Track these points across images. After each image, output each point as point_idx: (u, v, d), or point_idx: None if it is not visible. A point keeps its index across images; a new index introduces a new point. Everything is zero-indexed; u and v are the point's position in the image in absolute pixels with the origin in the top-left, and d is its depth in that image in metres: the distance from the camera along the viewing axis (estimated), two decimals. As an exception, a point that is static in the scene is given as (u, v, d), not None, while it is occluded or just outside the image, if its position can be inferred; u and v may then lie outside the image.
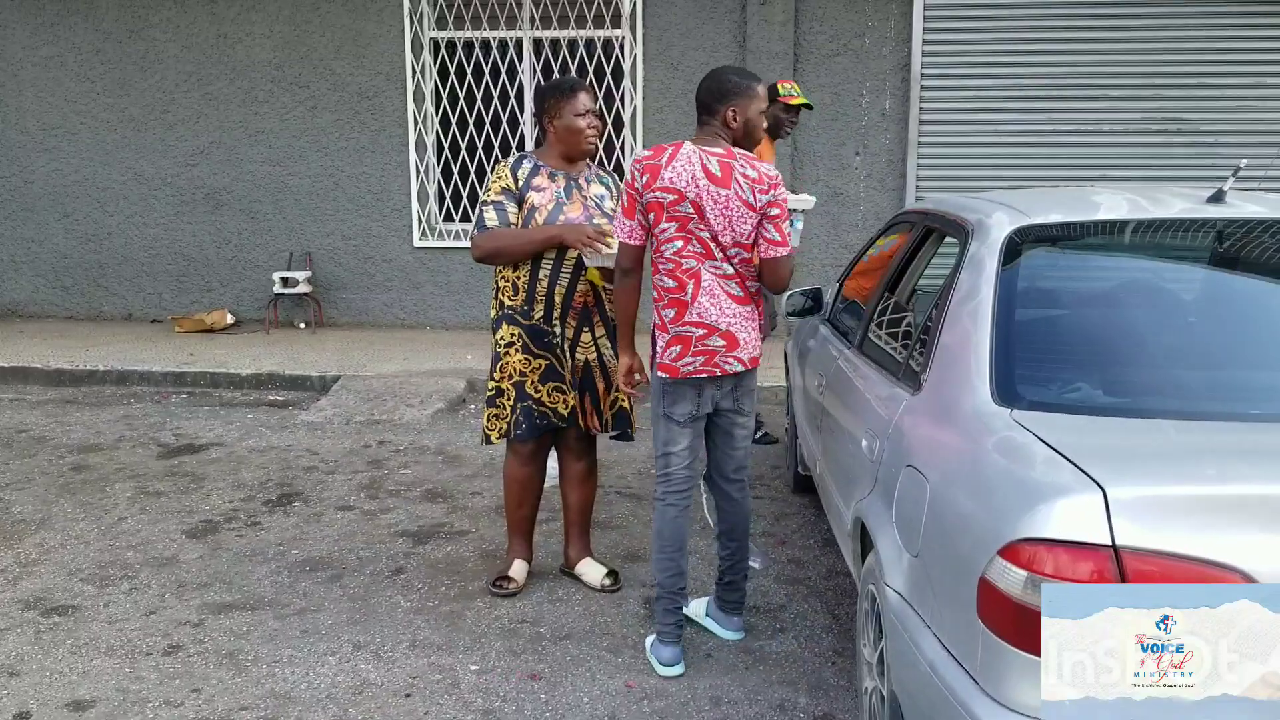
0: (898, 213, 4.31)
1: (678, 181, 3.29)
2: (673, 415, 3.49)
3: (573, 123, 3.90)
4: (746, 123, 3.38)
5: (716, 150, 3.33)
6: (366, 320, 9.60)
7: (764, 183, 3.30)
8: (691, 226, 3.32)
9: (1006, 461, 2.23)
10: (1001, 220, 2.90)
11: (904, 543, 2.55)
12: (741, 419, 3.56)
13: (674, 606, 3.54)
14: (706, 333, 3.37)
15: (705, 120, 3.41)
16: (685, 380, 3.43)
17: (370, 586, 4.19)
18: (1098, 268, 2.95)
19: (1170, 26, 8.28)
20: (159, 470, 5.69)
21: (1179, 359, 2.61)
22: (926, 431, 2.65)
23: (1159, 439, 2.22)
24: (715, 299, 3.36)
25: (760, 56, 8.56)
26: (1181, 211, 2.95)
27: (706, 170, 3.28)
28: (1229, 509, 1.94)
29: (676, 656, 3.52)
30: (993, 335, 2.57)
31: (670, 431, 3.53)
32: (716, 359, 3.40)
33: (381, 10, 9.09)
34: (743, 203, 3.28)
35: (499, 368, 4.02)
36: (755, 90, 3.40)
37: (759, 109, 3.41)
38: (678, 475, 3.54)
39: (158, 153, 9.57)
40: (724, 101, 3.36)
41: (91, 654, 3.63)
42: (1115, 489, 1.94)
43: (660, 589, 3.56)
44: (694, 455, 3.56)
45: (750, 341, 3.42)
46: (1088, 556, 1.93)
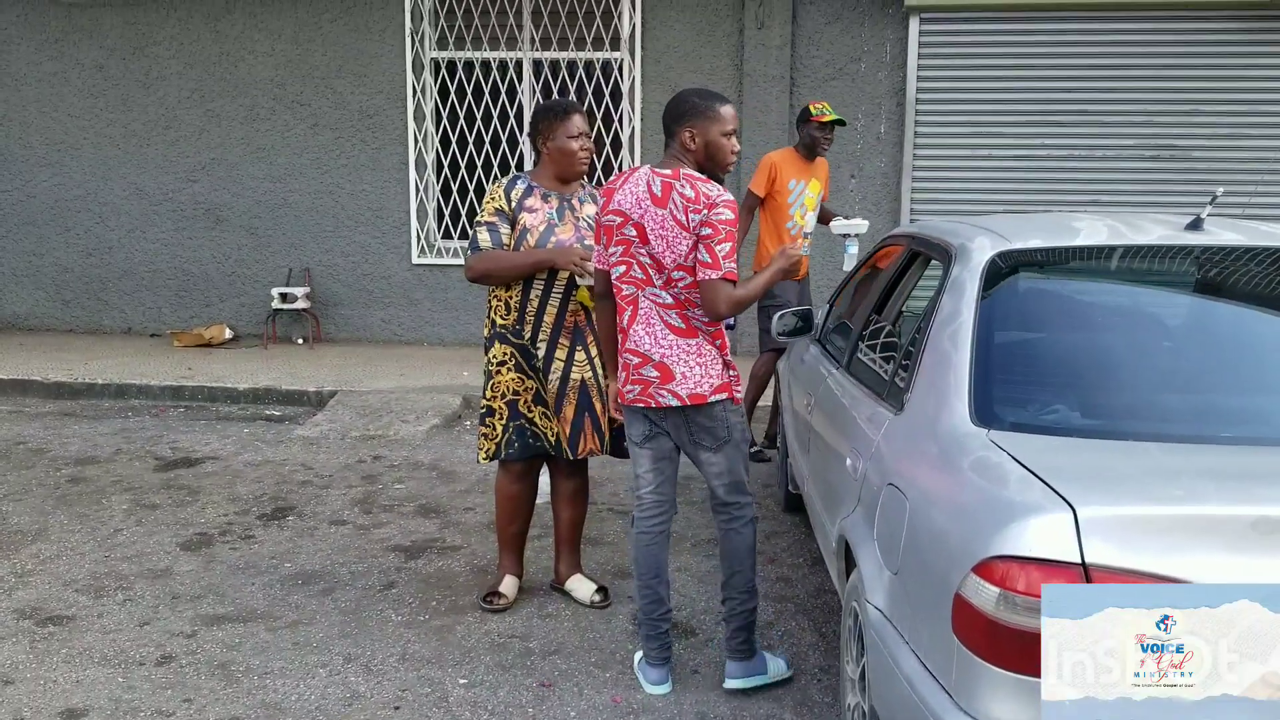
0: (887, 235, 4.36)
1: (624, 204, 3.31)
2: (631, 436, 3.52)
3: (565, 144, 3.95)
4: (708, 145, 3.29)
5: (665, 172, 3.27)
6: (364, 336, 9.65)
7: (698, 202, 3.17)
8: (634, 250, 3.30)
9: (981, 480, 2.28)
10: (983, 244, 2.96)
11: (884, 560, 2.60)
12: (705, 455, 3.40)
13: (656, 631, 3.54)
14: (640, 361, 3.34)
15: (668, 144, 3.37)
16: (632, 406, 3.45)
17: (362, 600, 4.23)
18: (1076, 292, 3.01)
19: (1163, 53, 8.36)
20: (155, 483, 5.73)
21: (1155, 383, 2.66)
22: (907, 451, 2.71)
23: (1131, 460, 2.27)
24: (650, 327, 3.31)
25: (757, 80, 8.65)
26: (1160, 238, 3.01)
27: (650, 191, 3.26)
28: (1197, 529, 1.99)
29: (663, 677, 3.54)
30: (972, 357, 2.63)
31: (633, 454, 3.54)
32: (650, 390, 3.33)
33: (383, 30, 9.19)
34: (676, 222, 3.21)
35: (490, 386, 4.06)
36: (716, 111, 3.29)
37: (722, 130, 3.29)
38: (645, 499, 3.55)
39: (159, 168, 9.64)
40: (680, 122, 3.30)
41: (85, 663, 3.67)
42: (1085, 508, 1.99)
43: (642, 615, 3.57)
44: (661, 479, 3.53)
45: (691, 377, 3.28)
46: (1058, 574, 1.98)
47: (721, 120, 3.30)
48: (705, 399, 3.30)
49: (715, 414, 3.34)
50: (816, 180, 6.16)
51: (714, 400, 3.31)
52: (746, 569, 3.48)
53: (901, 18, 8.55)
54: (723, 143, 3.31)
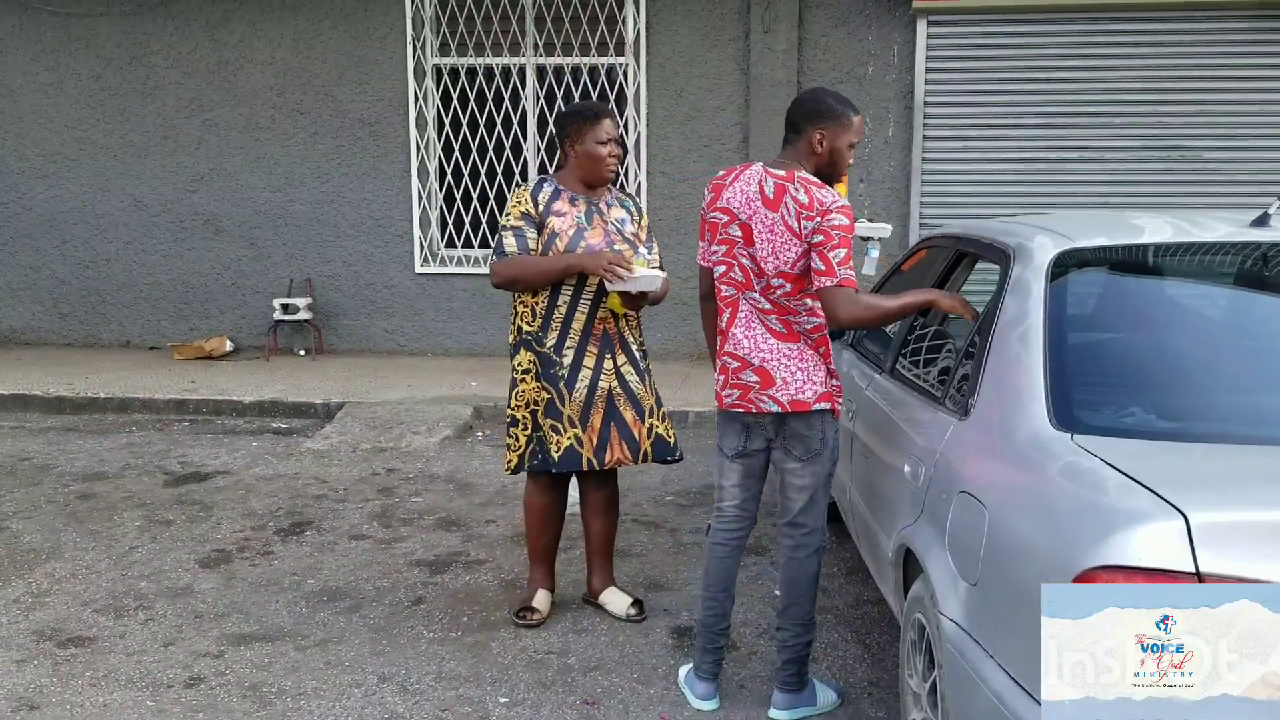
0: (925, 237, 4.28)
1: (733, 202, 3.20)
2: (722, 448, 3.41)
3: (594, 150, 3.84)
4: (833, 151, 3.17)
5: (779, 173, 3.15)
6: (367, 347, 9.53)
7: (812, 209, 3.06)
8: (737, 251, 3.20)
9: (1076, 487, 2.20)
10: (1045, 244, 2.88)
11: (960, 571, 2.51)
12: (792, 464, 3.26)
13: (713, 645, 3.44)
14: (740, 366, 3.24)
15: (791, 140, 3.23)
16: (729, 412, 3.34)
17: (390, 617, 4.12)
18: (1145, 291, 2.93)
19: (1171, 53, 8.33)
20: (166, 499, 5.61)
21: (1233, 383, 2.59)
22: (980, 457, 2.62)
23: (1229, 464, 2.19)
24: (750, 332, 3.22)
25: (764, 84, 8.58)
26: (1226, 235, 2.94)
27: (762, 191, 3.15)
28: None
29: (711, 692, 3.44)
30: (1045, 359, 2.55)
31: (721, 465, 3.43)
32: (750, 395, 3.23)
33: (384, 37, 9.09)
34: (787, 228, 3.10)
35: (515, 394, 3.95)
36: (850, 120, 3.18)
37: (849, 141, 3.19)
38: (727, 512, 3.44)
39: (158, 179, 9.51)
40: (812, 122, 3.17)
41: (112, 686, 3.56)
42: (1197, 515, 1.91)
43: (699, 625, 3.47)
44: (746, 494, 3.41)
45: (793, 382, 3.17)
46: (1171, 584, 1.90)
47: (852, 129, 3.20)
48: (808, 406, 3.18)
49: (814, 423, 3.21)
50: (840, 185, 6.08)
51: (816, 409, 3.19)
52: (806, 601, 3.33)
53: (909, 21, 8.50)
54: (847, 153, 3.22)
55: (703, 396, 7.34)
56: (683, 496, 5.68)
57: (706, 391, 7.25)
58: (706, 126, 8.87)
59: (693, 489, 5.81)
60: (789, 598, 3.34)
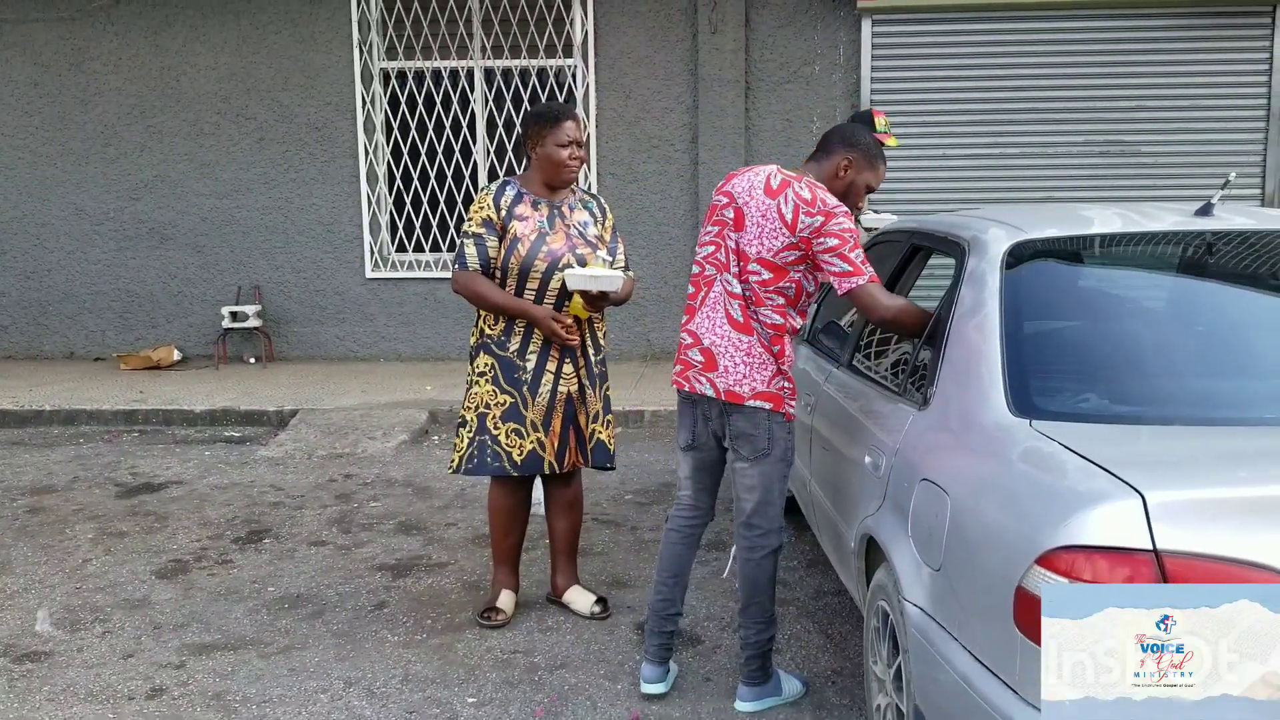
0: (879, 232, 4.34)
1: (737, 188, 3.27)
2: (678, 440, 3.49)
3: (554, 152, 3.85)
4: (852, 184, 3.29)
5: (790, 172, 3.23)
6: (318, 354, 9.45)
7: (814, 206, 3.09)
8: (726, 233, 3.25)
9: (1036, 471, 2.25)
10: (999, 236, 2.94)
11: (923, 557, 2.56)
12: (740, 464, 3.27)
13: (660, 629, 3.48)
14: (691, 343, 3.31)
15: (818, 158, 3.32)
16: (679, 395, 3.42)
17: (354, 622, 4.10)
18: (1097, 280, 3.00)
19: (1109, 50, 8.52)
20: (119, 510, 5.52)
21: (1184, 368, 2.66)
22: (940, 445, 2.67)
23: (1182, 445, 2.26)
24: (713, 314, 3.26)
25: (712, 84, 8.64)
26: (1174, 225, 3.02)
27: (768, 183, 3.21)
28: (1266, 511, 1.97)
29: (659, 675, 3.46)
30: (1003, 348, 2.60)
31: (679, 456, 3.52)
32: (690, 373, 3.31)
33: (330, 41, 9.02)
34: (780, 217, 3.12)
35: (468, 396, 3.98)
36: (879, 164, 3.32)
37: (870, 181, 3.31)
38: (682, 501, 3.52)
39: (99, 187, 9.36)
40: (846, 150, 3.28)
41: (71, 700, 3.50)
42: (1154, 494, 1.96)
43: (649, 610, 3.54)
44: (698, 487, 3.47)
45: (735, 372, 3.19)
46: (1129, 562, 1.95)
47: (878, 173, 3.35)
48: (741, 400, 3.20)
49: (757, 421, 3.21)
50: None
51: (751, 405, 3.21)
52: (765, 600, 3.33)
53: (854, 20, 8.60)
54: (863, 192, 3.34)
55: (658, 396, 7.37)
56: (642, 495, 5.70)
57: (661, 391, 7.29)
58: (656, 127, 8.91)
59: (651, 487, 5.83)
60: (748, 597, 3.36)
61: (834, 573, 4.37)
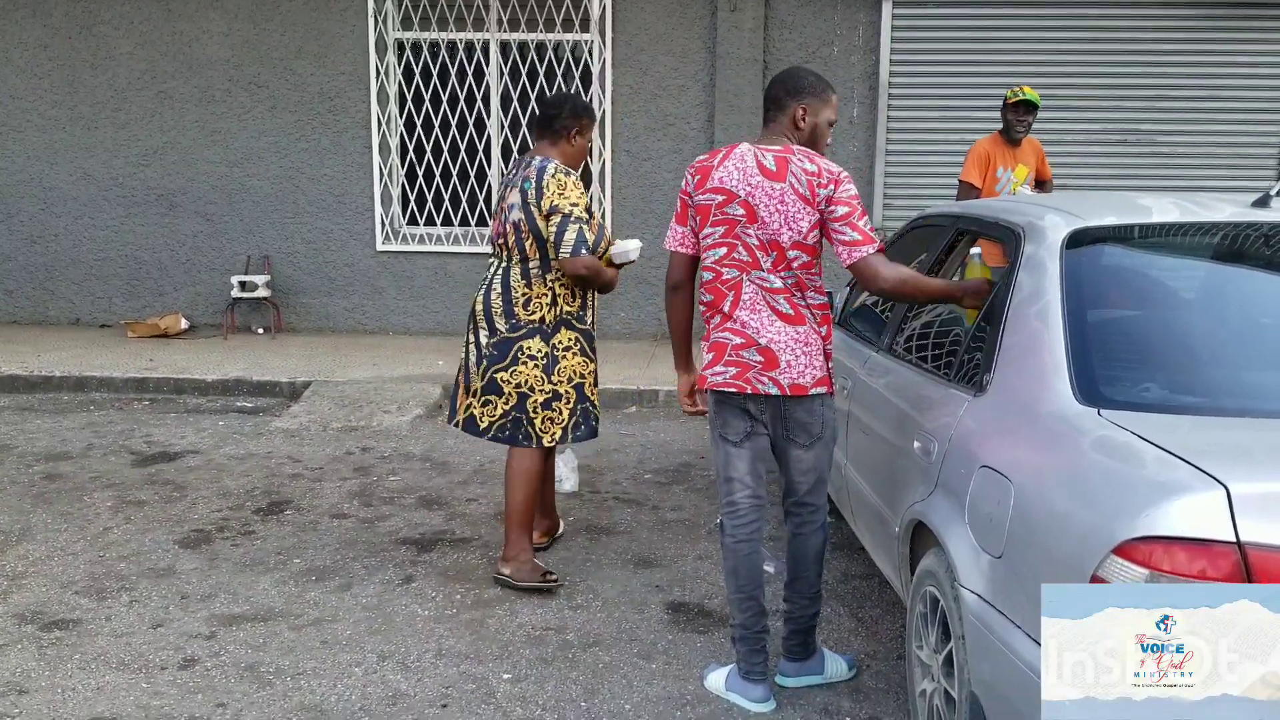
0: (918, 216, 4.32)
1: (728, 181, 3.13)
2: (725, 435, 3.27)
3: (586, 146, 4.25)
4: (815, 127, 3.18)
5: (774, 147, 3.13)
6: (327, 326, 9.40)
7: (823, 175, 3.04)
8: (739, 231, 3.13)
9: (1111, 461, 2.23)
10: (1057, 222, 2.91)
11: (982, 544, 2.54)
12: (797, 451, 3.23)
13: (759, 646, 3.32)
14: (745, 343, 3.14)
15: (773, 117, 3.20)
16: (724, 393, 3.23)
17: (383, 595, 4.09)
18: (1156, 269, 2.98)
19: (1131, 39, 8.48)
20: (137, 479, 5.49)
21: (1247, 359, 2.65)
22: (1001, 433, 2.65)
23: (1257, 437, 2.24)
24: (757, 313, 3.14)
25: (730, 62, 8.58)
26: (1232, 215, 3.00)
27: (761, 166, 3.10)
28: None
29: (766, 694, 3.29)
30: (1066, 336, 2.58)
31: (726, 454, 3.29)
32: (749, 374, 3.14)
33: (345, 10, 8.93)
34: (799, 196, 3.05)
35: (556, 371, 4.12)
36: (830, 96, 3.21)
37: (829, 118, 3.21)
38: (742, 504, 3.30)
39: (108, 152, 9.27)
40: (796, 98, 3.16)
41: (102, 669, 3.48)
42: (1238, 485, 1.95)
43: (743, 629, 3.32)
44: (757, 480, 3.29)
45: (796, 365, 3.11)
46: (1211, 554, 1.94)
47: (832, 106, 3.24)
48: (806, 390, 3.14)
49: (814, 408, 3.18)
50: (1024, 166, 6.29)
51: (814, 393, 3.16)
52: (813, 574, 3.33)
53: (874, 2, 8.55)
54: (826, 129, 3.24)
55: (671, 375, 7.32)
56: (661, 474, 5.69)
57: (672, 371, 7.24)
58: (672, 104, 8.85)
59: (670, 467, 5.82)
60: (796, 571, 3.35)
61: (861, 556, 4.38)
